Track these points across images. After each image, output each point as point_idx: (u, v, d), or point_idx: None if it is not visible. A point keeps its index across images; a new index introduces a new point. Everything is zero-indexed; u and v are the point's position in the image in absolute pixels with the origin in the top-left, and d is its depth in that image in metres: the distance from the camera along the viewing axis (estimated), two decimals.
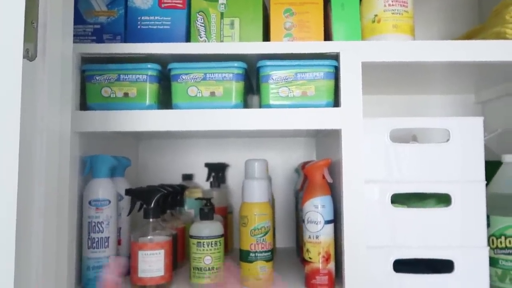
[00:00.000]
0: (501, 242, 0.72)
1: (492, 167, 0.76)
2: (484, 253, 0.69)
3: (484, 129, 0.71)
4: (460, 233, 0.69)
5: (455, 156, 0.71)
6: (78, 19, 0.75)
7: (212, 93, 0.71)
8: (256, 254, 0.71)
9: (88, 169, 0.73)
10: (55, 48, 0.49)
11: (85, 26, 0.76)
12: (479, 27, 0.84)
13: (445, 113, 1.05)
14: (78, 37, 0.75)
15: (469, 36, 0.85)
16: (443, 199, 0.72)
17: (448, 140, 0.71)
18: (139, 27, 0.76)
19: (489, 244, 0.72)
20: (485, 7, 1.04)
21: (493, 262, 0.72)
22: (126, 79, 0.72)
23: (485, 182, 0.70)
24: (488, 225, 0.72)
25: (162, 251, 0.71)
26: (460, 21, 1.07)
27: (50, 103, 0.48)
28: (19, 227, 0.38)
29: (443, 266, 0.70)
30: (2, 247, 0.36)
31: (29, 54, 0.42)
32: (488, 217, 0.72)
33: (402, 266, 0.70)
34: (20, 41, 0.37)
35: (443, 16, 1.08)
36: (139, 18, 0.76)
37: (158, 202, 0.74)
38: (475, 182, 0.70)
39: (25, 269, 0.43)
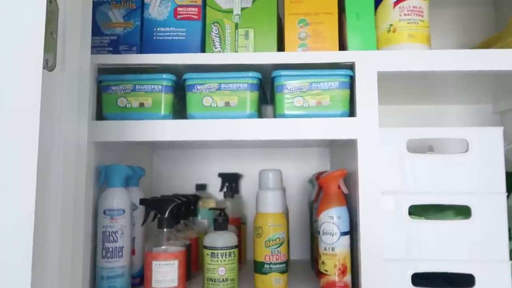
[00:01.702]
0: None
1: (511, 179, 0.74)
2: (506, 267, 0.67)
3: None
4: (480, 246, 0.67)
5: (475, 167, 0.69)
6: (95, 30, 0.77)
7: (227, 103, 0.71)
8: (271, 265, 0.70)
9: (103, 178, 0.73)
10: (74, 59, 0.50)
11: (102, 38, 0.77)
12: (496, 36, 0.83)
13: (462, 123, 1.03)
14: (95, 48, 0.77)
15: (486, 44, 0.84)
16: (462, 211, 0.70)
17: (467, 150, 0.69)
18: (154, 38, 0.77)
19: (510, 258, 0.70)
20: (502, 16, 1.02)
21: None
22: (141, 89, 0.72)
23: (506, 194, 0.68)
24: (510, 238, 0.70)
25: (176, 262, 0.70)
26: (476, 31, 1.05)
27: (68, 113, 0.48)
28: (36, 236, 0.38)
29: (463, 280, 0.68)
30: (20, 255, 0.36)
31: (48, 65, 0.43)
32: (509, 230, 0.70)
33: (420, 279, 0.68)
34: (41, 52, 0.38)
35: (459, 26, 1.06)
36: (155, 29, 0.77)
37: (172, 212, 0.74)
38: (495, 193, 0.68)
39: (41, 278, 0.43)
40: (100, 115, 0.74)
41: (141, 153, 0.98)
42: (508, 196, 0.69)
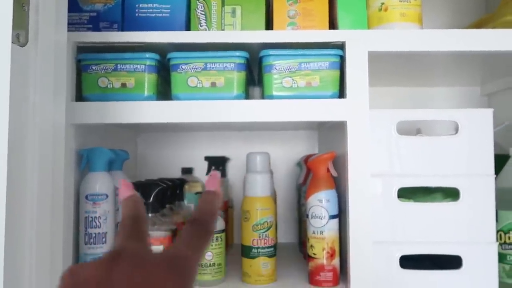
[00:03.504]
0: (509, 238, 0.71)
1: (499, 161, 0.74)
2: (493, 249, 0.67)
3: None
4: (468, 228, 0.68)
5: (464, 149, 0.68)
6: (74, 6, 0.73)
7: (213, 84, 0.69)
8: (259, 250, 0.69)
9: (84, 162, 0.71)
10: (48, 34, 0.46)
11: (80, 14, 0.73)
12: (488, 16, 0.81)
13: (450, 105, 1.03)
14: (74, 25, 0.73)
15: (478, 25, 0.83)
16: (450, 193, 0.70)
17: (456, 132, 0.69)
18: (137, 15, 0.73)
19: (497, 240, 0.70)
20: None
21: (501, 257, 0.70)
22: (123, 69, 0.69)
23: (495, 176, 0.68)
24: (496, 220, 0.70)
25: (161, 247, 0.68)
26: (465, 11, 1.04)
27: (43, 93, 0.45)
28: (9, 225, 0.36)
29: (451, 262, 0.68)
30: None
31: (20, 40, 0.40)
32: (496, 212, 0.70)
33: (409, 261, 0.68)
34: (9, 25, 0.35)
35: (448, 7, 1.05)
36: (137, 5, 0.73)
37: (157, 196, 0.72)
38: (484, 176, 0.68)
39: (16, 267, 0.41)
40: (80, 96, 0.70)
41: (124, 136, 0.95)
42: (496, 178, 0.69)
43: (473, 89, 1.03)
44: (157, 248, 0.68)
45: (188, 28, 0.73)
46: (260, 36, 0.69)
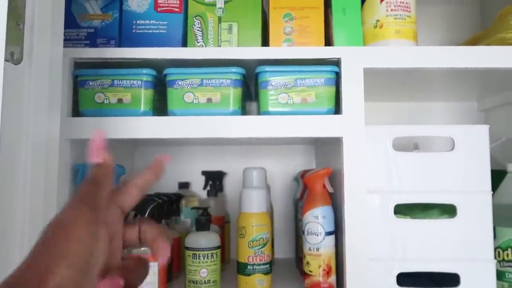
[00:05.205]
0: (507, 255, 0.70)
1: (496, 176, 0.74)
2: (491, 267, 0.66)
3: None
4: (466, 245, 0.67)
5: (460, 165, 0.68)
6: (72, 23, 0.73)
7: (209, 100, 0.69)
8: (254, 266, 0.68)
9: (80, 177, 0.70)
10: (44, 51, 0.46)
11: (78, 30, 0.74)
12: (483, 32, 0.82)
13: (446, 120, 1.03)
14: (71, 41, 0.73)
15: (473, 41, 0.84)
16: (447, 210, 0.69)
17: (453, 148, 0.68)
18: (134, 31, 0.74)
19: (495, 257, 0.69)
20: (487, 12, 1.02)
21: (499, 275, 0.69)
22: (120, 84, 0.69)
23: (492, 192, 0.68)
24: (494, 236, 0.69)
25: (155, 264, 0.68)
26: (461, 26, 1.05)
27: (37, 108, 0.45)
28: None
29: (448, 280, 0.67)
30: None
31: (14, 57, 0.40)
32: (494, 228, 0.69)
33: (406, 278, 0.67)
34: (2, 43, 0.35)
35: (444, 21, 1.06)
36: (134, 22, 0.74)
37: (153, 212, 0.71)
38: (481, 192, 0.67)
39: None
40: (77, 112, 0.71)
41: (122, 151, 0.95)
42: (493, 195, 0.69)
43: (470, 104, 1.04)
44: (153, 264, 0.68)
45: (184, 44, 0.74)
46: (256, 52, 0.69)
